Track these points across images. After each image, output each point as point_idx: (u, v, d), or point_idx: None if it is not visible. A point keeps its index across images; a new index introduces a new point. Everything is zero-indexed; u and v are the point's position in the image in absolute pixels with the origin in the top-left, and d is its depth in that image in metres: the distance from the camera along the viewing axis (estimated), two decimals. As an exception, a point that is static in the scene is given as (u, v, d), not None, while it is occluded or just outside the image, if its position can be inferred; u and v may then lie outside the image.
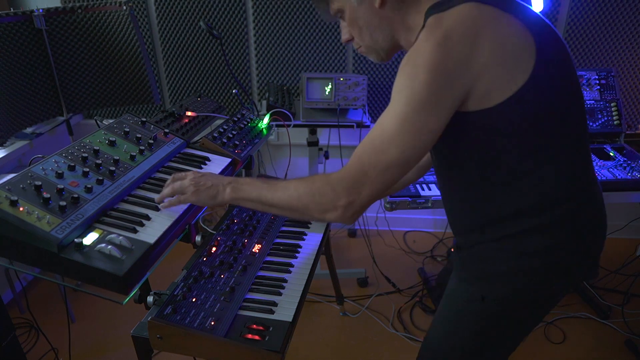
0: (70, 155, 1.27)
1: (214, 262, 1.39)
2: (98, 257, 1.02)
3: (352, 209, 1.02)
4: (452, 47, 0.92)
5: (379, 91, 2.81)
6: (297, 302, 1.30)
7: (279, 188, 1.11)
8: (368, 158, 0.99)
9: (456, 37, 0.92)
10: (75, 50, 2.23)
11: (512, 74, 0.94)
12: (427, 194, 2.04)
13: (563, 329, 2.30)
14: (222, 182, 1.19)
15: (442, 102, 0.94)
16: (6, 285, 2.38)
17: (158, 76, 2.87)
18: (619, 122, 2.33)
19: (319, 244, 1.61)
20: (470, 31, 0.92)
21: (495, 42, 0.92)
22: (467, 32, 0.92)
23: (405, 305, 2.48)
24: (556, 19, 2.55)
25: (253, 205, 1.18)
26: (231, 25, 2.70)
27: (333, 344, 2.26)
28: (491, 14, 0.94)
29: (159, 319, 1.15)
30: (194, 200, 1.21)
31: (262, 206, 1.16)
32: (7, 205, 1.02)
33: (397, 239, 3.03)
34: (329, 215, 1.04)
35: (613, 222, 2.62)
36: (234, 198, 1.18)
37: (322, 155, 2.57)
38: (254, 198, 1.15)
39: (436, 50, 0.92)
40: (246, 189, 1.16)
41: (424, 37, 0.95)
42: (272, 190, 1.12)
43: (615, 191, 2.03)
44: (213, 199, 1.19)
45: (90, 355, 2.18)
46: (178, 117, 1.78)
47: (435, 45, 0.92)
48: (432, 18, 0.97)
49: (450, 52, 0.92)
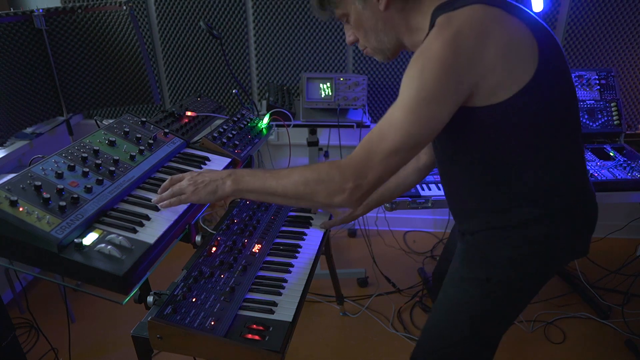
0: (70, 155, 1.27)
1: (214, 262, 1.39)
2: (98, 257, 1.02)
3: (358, 192, 1.06)
4: (461, 44, 0.97)
5: (379, 91, 2.81)
6: (297, 302, 1.30)
7: (283, 176, 1.13)
8: (375, 144, 1.03)
9: (465, 35, 0.97)
10: (75, 50, 2.23)
11: (516, 73, 0.99)
12: (427, 194, 2.04)
13: (563, 329, 2.30)
14: (220, 176, 1.20)
15: (449, 95, 0.99)
16: (6, 285, 2.38)
17: (158, 76, 2.87)
18: (619, 122, 2.32)
19: (319, 244, 1.61)
20: (478, 31, 0.97)
21: (501, 42, 0.98)
22: (476, 32, 0.97)
23: (405, 305, 2.48)
24: (556, 19, 2.55)
25: (256, 196, 1.19)
26: (231, 25, 2.70)
27: (333, 344, 2.26)
28: (498, 16, 1.00)
29: (159, 319, 1.15)
30: (194, 200, 1.22)
31: (266, 196, 1.17)
32: (7, 205, 1.02)
33: (397, 239, 3.03)
34: (336, 198, 1.07)
35: (613, 222, 2.66)
36: (235, 190, 1.18)
37: (322, 155, 2.57)
38: (257, 188, 1.16)
39: (447, 47, 0.97)
40: (248, 180, 1.17)
41: (435, 35, 1.00)
42: (276, 178, 1.14)
43: (615, 191, 2.03)
44: (214, 194, 1.19)
45: (90, 355, 2.18)
46: (178, 117, 1.78)
47: (445, 43, 0.97)
48: (442, 17, 1.02)
49: (459, 50, 0.97)
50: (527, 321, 2.32)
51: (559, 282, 2.62)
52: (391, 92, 2.80)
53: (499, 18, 0.99)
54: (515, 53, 0.99)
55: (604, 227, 2.70)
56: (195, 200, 1.22)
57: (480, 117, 1.03)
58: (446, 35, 0.97)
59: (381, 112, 2.85)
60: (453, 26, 0.98)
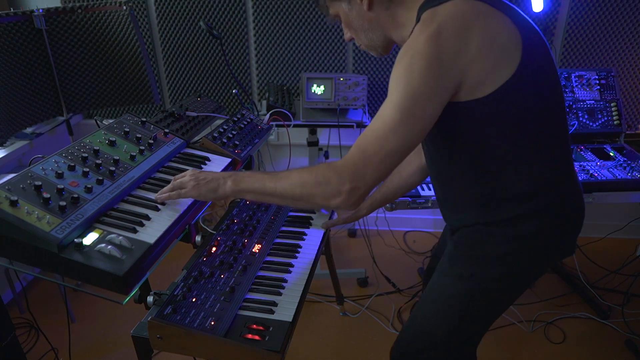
0: (70, 155, 1.27)
1: (214, 262, 1.39)
2: (98, 257, 1.02)
3: (355, 194, 1.07)
4: (444, 40, 0.98)
5: (379, 91, 2.81)
6: (297, 302, 1.30)
7: (282, 177, 1.15)
8: (370, 146, 1.04)
9: (448, 30, 0.98)
10: (75, 50, 2.23)
11: (500, 66, 1.01)
12: (427, 194, 2.04)
13: (563, 329, 2.30)
14: (222, 176, 1.22)
15: (437, 91, 1.00)
16: (6, 285, 2.38)
17: (158, 76, 2.87)
18: (619, 122, 2.32)
19: (319, 244, 1.61)
20: (461, 25, 0.99)
21: (484, 36, 0.99)
22: (459, 26, 0.99)
23: (405, 305, 2.48)
24: (556, 19, 2.55)
25: (255, 196, 1.21)
26: (231, 25, 2.70)
27: (333, 344, 2.26)
28: (481, 10, 1.01)
29: (159, 319, 1.15)
30: (194, 195, 1.23)
31: (265, 197, 1.19)
32: (7, 205, 1.02)
33: (397, 239, 3.03)
34: (333, 201, 1.08)
35: (613, 222, 2.67)
36: (235, 190, 1.20)
37: (322, 155, 2.57)
38: (257, 189, 1.18)
39: (430, 42, 0.98)
40: (248, 181, 1.20)
41: (419, 31, 1.02)
42: (275, 180, 1.16)
43: (615, 191, 2.03)
44: (214, 192, 1.21)
45: (90, 355, 2.18)
46: (178, 117, 1.78)
47: (428, 38, 0.99)
48: (426, 13, 1.03)
49: (443, 45, 0.98)
50: (527, 321, 2.32)
51: (559, 282, 2.62)
52: (391, 92, 2.80)
53: (483, 12, 1.01)
54: (498, 46, 1.00)
55: (604, 227, 2.71)
56: (195, 195, 1.23)
57: (466, 112, 1.05)
58: (430, 30, 0.99)
59: (381, 112, 2.84)
60: (436, 21, 0.99)
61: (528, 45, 1.02)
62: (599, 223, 2.72)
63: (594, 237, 2.69)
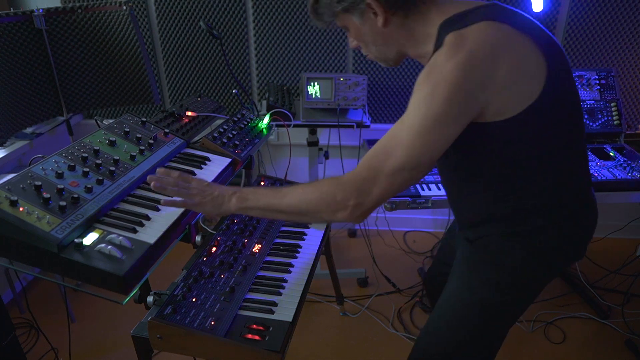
0: (70, 155, 1.27)
1: (214, 262, 1.39)
2: (98, 257, 1.02)
3: (361, 209, 1.06)
4: (474, 69, 0.96)
5: (379, 91, 2.81)
6: (297, 302, 1.30)
7: (287, 193, 1.15)
8: (380, 161, 1.03)
9: (479, 59, 0.96)
10: (75, 50, 2.23)
11: (525, 90, 1.00)
12: (427, 194, 2.04)
13: (563, 329, 2.30)
14: (227, 192, 1.22)
15: (459, 117, 0.99)
16: (6, 285, 2.38)
17: (158, 76, 2.87)
18: (619, 122, 2.32)
19: (319, 244, 1.61)
20: (490, 54, 0.97)
21: (513, 63, 0.98)
22: (488, 55, 0.97)
23: (405, 305, 2.48)
24: (556, 19, 2.55)
25: (260, 213, 1.21)
26: (231, 25, 2.70)
27: (333, 344, 2.26)
28: (509, 35, 0.99)
29: (159, 319, 1.15)
30: (199, 211, 1.24)
31: (271, 213, 1.20)
32: (7, 205, 1.02)
33: (397, 239, 3.03)
34: (339, 215, 1.08)
35: (613, 222, 2.66)
36: (240, 207, 1.20)
37: (322, 155, 2.57)
38: (262, 206, 1.18)
39: (457, 71, 0.96)
40: (252, 198, 1.19)
41: (447, 55, 0.98)
42: (280, 196, 1.16)
43: (615, 191, 2.03)
44: (218, 208, 1.21)
45: (90, 355, 2.18)
46: (178, 117, 1.78)
47: (456, 66, 0.96)
48: (453, 35, 1.00)
49: (471, 74, 0.96)
50: (527, 321, 2.32)
51: (559, 282, 2.62)
52: (391, 92, 2.80)
53: (509, 37, 0.99)
54: (524, 74, 0.99)
55: (604, 227, 2.69)
56: (200, 211, 1.24)
57: (488, 132, 1.04)
58: (458, 58, 0.96)
59: (381, 112, 2.85)
60: (466, 47, 0.97)
61: (552, 68, 1.01)
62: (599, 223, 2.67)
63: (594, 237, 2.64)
